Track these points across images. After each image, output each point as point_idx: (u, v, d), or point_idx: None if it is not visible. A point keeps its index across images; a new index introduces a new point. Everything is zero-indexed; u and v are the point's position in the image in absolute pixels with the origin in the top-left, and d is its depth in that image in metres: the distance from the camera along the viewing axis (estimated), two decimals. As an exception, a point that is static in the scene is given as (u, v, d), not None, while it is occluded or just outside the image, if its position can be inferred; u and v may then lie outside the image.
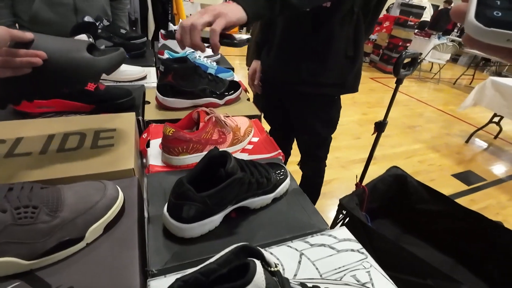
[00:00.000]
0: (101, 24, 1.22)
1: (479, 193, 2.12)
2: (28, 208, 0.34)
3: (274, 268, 0.23)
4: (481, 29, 0.19)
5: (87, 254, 0.38)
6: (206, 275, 0.22)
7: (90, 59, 0.47)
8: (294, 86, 0.92)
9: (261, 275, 0.20)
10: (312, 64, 0.86)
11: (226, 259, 0.22)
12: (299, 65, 0.87)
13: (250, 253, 0.23)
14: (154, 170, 0.57)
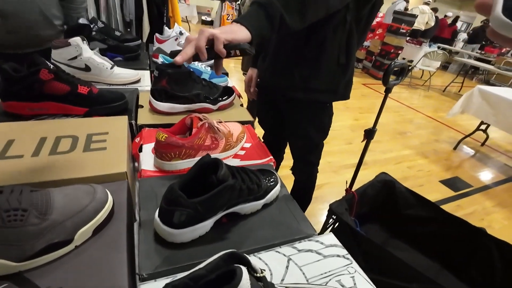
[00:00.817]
0: (96, 26, 1.22)
1: (465, 199, 2.18)
2: (17, 211, 0.34)
3: (260, 274, 0.24)
4: (509, 24, 0.18)
5: (76, 257, 0.38)
6: (195, 280, 0.23)
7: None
8: (287, 91, 0.93)
9: (247, 280, 0.21)
10: (305, 70, 0.88)
11: (215, 265, 0.23)
12: (292, 71, 0.89)
13: (238, 260, 0.24)
14: (146, 175, 0.58)
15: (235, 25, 0.55)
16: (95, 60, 0.88)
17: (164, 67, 0.76)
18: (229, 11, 6.78)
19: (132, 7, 2.26)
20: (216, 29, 0.53)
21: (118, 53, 1.17)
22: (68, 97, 0.66)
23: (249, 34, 0.55)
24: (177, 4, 2.51)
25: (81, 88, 0.67)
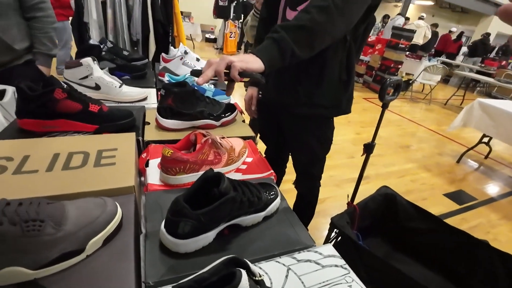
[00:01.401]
0: (105, 46, 1.29)
1: (470, 212, 2.16)
2: (35, 222, 0.37)
3: (259, 278, 0.26)
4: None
5: (87, 265, 0.40)
6: (198, 282, 0.25)
7: None
8: (292, 107, 0.96)
9: (246, 282, 0.24)
10: (309, 87, 0.91)
11: (216, 269, 0.26)
12: (296, 88, 0.92)
13: (238, 264, 0.26)
14: (152, 189, 0.61)
15: (251, 56, 0.62)
16: (104, 79, 0.93)
17: (170, 86, 0.81)
18: (231, 29, 7.00)
19: (139, 27, 2.37)
20: (234, 57, 0.59)
21: (126, 72, 1.23)
22: (79, 115, 0.70)
23: (263, 65, 0.61)
24: (182, 24, 2.62)
25: (92, 106, 0.72)
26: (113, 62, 1.21)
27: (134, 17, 2.28)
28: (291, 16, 0.86)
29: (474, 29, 10.75)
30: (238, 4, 7.00)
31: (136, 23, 2.31)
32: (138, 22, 2.31)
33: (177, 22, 2.51)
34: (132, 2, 2.23)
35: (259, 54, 0.62)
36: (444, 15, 12.37)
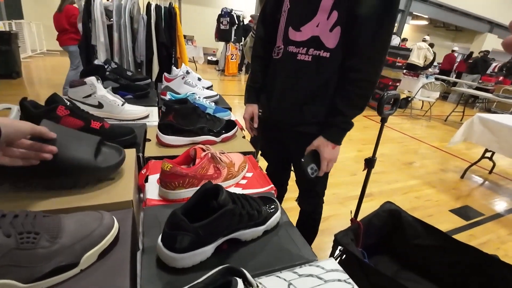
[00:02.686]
0: (109, 66, 1.33)
1: (478, 228, 2.10)
2: (30, 234, 0.37)
3: (255, 287, 0.25)
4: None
5: (81, 280, 0.39)
6: (193, 293, 0.24)
7: (95, 166, 0.54)
8: (297, 127, 0.96)
9: (242, 291, 0.23)
10: (313, 107, 0.91)
11: (212, 279, 0.25)
12: (301, 108, 0.92)
13: (234, 273, 0.25)
14: (150, 204, 0.60)
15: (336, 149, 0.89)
16: (107, 98, 0.95)
17: (171, 103, 0.82)
18: (233, 51, 7.21)
19: (143, 50, 2.46)
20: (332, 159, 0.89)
21: (129, 92, 1.26)
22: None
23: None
24: (184, 46, 2.72)
25: (93, 123, 0.73)
26: (117, 82, 1.24)
27: (138, 40, 2.38)
28: (295, 36, 0.87)
29: (469, 47, 11.01)
30: (239, 28, 7.26)
31: (141, 45, 2.40)
32: (142, 45, 2.40)
33: (180, 44, 2.61)
34: (137, 25, 2.34)
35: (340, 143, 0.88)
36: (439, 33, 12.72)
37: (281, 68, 0.95)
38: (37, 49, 7.61)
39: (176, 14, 2.51)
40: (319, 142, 0.88)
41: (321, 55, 0.84)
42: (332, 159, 0.89)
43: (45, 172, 0.50)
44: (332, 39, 0.83)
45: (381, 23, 0.77)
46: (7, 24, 6.00)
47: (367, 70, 0.81)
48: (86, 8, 2.26)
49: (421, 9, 8.92)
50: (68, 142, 0.52)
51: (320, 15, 0.81)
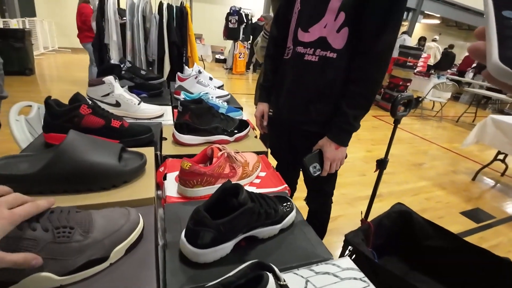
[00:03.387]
0: (125, 65, 1.36)
1: (489, 230, 2.08)
2: (66, 229, 0.39)
3: (283, 282, 0.27)
4: (508, 72, 0.19)
5: (110, 273, 0.42)
6: (226, 285, 0.26)
7: (121, 170, 0.57)
8: (304, 125, 0.98)
9: (273, 285, 0.24)
10: (320, 106, 0.93)
11: (243, 272, 0.27)
12: (308, 107, 0.94)
13: (263, 268, 0.27)
14: (170, 201, 0.62)
15: (342, 151, 0.91)
16: (125, 97, 0.98)
17: (187, 103, 0.84)
18: (241, 49, 7.23)
19: (155, 49, 2.49)
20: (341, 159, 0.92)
21: (143, 90, 1.29)
22: (102, 130, 0.73)
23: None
24: (195, 45, 2.74)
25: (114, 122, 0.75)
26: (132, 80, 1.27)
27: (150, 39, 2.41)
28: (303, 37, 0.89)
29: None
30: (247, 26, 7.27)
31: (153, 44, 2.44)
32: (154, 44, 2.44)
33: (191, 43, 2.64)
34: (149, 24, 2.37)
35: (345, 144, 0.89)
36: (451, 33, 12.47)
37: (290, 68, 0.97)
38: (49, 46, 7.77)
39: (187, 13, 2.54)
40: (323, 142, 0.90)
41: (328, 56, 0.86)
42: (335, 159, 0.90)
43: (74, 179, 0.53)
44: (339, 40, 0.84)
45: (386, 24, 0.78)
46: (21, 21, 6.13)
47: (370, 70, 0.82)
48: (99, 7, 2.30)
49: (433, 8, 8.76)
50: (95, 151, 0.55)
51: (328, 16, 0.83)
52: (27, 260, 0.34)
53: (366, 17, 0.79)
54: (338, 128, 0.87)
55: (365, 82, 0.83)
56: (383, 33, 0.79)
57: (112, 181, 0.56)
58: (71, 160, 0.51)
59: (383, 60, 0.82)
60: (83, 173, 0.52)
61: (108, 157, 0.56)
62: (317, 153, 0.91)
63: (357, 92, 0.84)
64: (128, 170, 0.58)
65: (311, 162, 0.89)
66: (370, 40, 0.80)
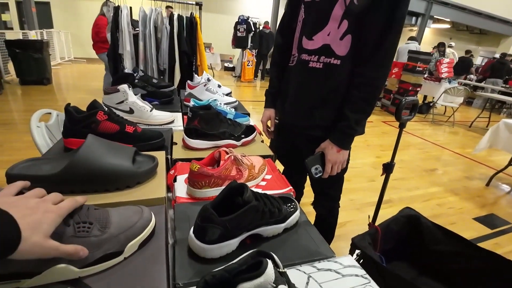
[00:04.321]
0: (137, 74, 1.42)
1: (504, 236, 2.02)
2: (85, 224, 0.42)
3: (282, 270, 0.29)
4: None
5: (125, 267, 0.45)
6: (229, 272, 0.28)
7: (133, 171, 0.61)
8: (308, 130, 1.00)
9: (272, 270, 0.27)
10: (323, 111, 0.95)
11: (245, 260, 0.29)
12: (312, 112, 0.96)
13: (264, 256, 0.29)
14: (180, 201, 0.66)
15: (343, 154, 0.94)
16: (138, 104, 1.03)
17: (196, 109, 0.88)
18: (249, 58, 7.33)
19: (166, 58, 2.58)
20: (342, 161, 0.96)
21: (155, 98, 1.34)
22: (117, 135, 0.78)
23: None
24: (204, 54, 2.82)
25: (128, 127, 0.80)
26: (144, 89, 1.33)
27: (162, 48, 2.50)
28: (307, 45, 0.92)
29: (495, 50, 10.57)
30: (255, 35, 7.39)
31: (164, 54, 2.53)
32: (165, 53, 2.53)
33: (200, 52, 2.71)
34: (160, 34, 2.46)
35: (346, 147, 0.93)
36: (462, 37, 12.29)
37: (295, 75, 1.00)
38: (65, 56, 8.09)
39: (197, 23, 2.62)
40: (325, 145, 0.93)
41: (332, 63, 0.88)
42: (336, 162, 0.92)
43: (92, 180, 0.57)
44: (342, 47, 0.86)
45: (387, 31, 0.80)
46: (39, 33, 6.42)
47: (370, 75, 0.85)
48: (114, 19, 2.41)
49: (443, 13, 8.68)
50: (111, 154, 0.59)
51: (331, 24, 0.85)
52: (77, 250, 0.38)
53: (368, 24, 0.82)
54: (340, 132, 0.90)
55: (366, 87, 0.86)
56: (385, 40, 0.81)
57: (127, 182, 0.60)
58: (89, 162, 0.55)
59: (384, 66, 0.85)
60: (100, 174, 0.56)
61: (122, 160, 0.60)
62: (319, 155, 0.93)
63: (359, 97, 0.86)
64: (141, 172, 0.62)
65: (313, 164, 0.92)
66: (372, 46, 0.82)
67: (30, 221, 0.34)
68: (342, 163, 0.94)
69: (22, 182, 0.42)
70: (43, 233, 0.35)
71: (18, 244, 0.33)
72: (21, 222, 0.34)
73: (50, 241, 0.36)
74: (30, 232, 0.34)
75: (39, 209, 0.36)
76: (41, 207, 0.37)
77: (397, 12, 0.79)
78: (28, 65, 4.76)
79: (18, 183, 0.41)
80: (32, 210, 0.36)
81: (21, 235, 0.33)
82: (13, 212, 0.34)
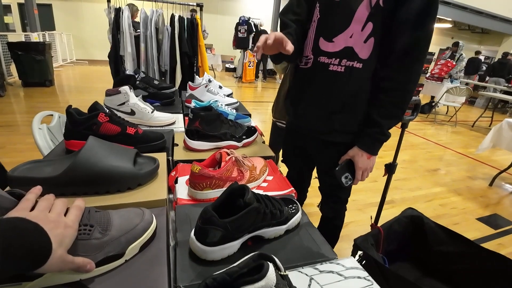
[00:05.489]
0: (139, 76, 1.43)
1: (508, 236, 2.01)
2: (86, 226, 0.42)
3: (284, 273, 0.29)
4: None
5: (126, 269, 0.45)
6: (230, 275, 0.28)
7: (135, 174, 0.61)
8: (325, 135, 0.96)
9: (273, 273, 0.26)
10: (343, 116, 0.91)
11: (246, 263, 0.29)
12: (330, 117, 0.92)
13: (265, 259, 0.29)
14: (181, 203, 0.65)
15: (371, 160, 0.93)
16: (139, 106, 1.03)
17: (197, 110, 0.88)
18: (250, 58, 7.33)
19: (167, 59, 2.58)
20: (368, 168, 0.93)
21: (156, 99, 1.34)
22: (118, 137, 0.78)
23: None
24: (205, 56, 2.82)
25: (129, 129, 0.80)
26: (146, 90, 1.33)
27: (163, 50, 2.51)
28: (327, 47, 0.87)
29: (497, 49, 10.51)
30: (256, 35, 7.39)
31: (165, 55, 2.53)
32: (166, 55, 2.53)
33: (201, 53, 2.72)
34: (161, 36, 2.47)
35: (376, 153, 0.90)
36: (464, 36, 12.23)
37: (311, 78, 0.94)
38: (67, 58, 8.12)
39: (198, 24, 2.62)
40: (354, 152, 0.89)
41: (354, 66, 0.84)
42: (367, 168, 0.90)
43: (94, 182, 0.57)
44: (365, 50, 0.82)
45: (417, 34, 0.77)
46: (41, 35, 6.46)
47: (400, 79, 0.81)
48: (115, 20, 2.41)
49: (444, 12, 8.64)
50: (112, 156, 0.59)
51: (354, 25, 0.81)
52: (84, 263, 0.40)
53: (397, 29, 0.78)
54: (371, 138, 0.87)
55: (396, 91, 0.82)
56: (417, 46, 0.78)
57: (128, 183, 0.60)
58: (90, 164, 0.55)
59: (415, 70, 0.81)
60: (101, 176, 0.56)
61: (123, 162, 0.60)
62: (347, 163, 0.90)
63: (389, 102, 0.83)
64: (142, 173, 0.62)
65: (342, 173, 0.89)
66: (401, 50, 0.79)
67: (56, 234, 0.36)
68: (371, 169, 0.93)
69: (37, 189, 0.43)
70: (65, 247, 0.37)
71: (49, 256, 0.34)
72: (50, 235, 0.34)
73: (68, 255, 0.37)
74: (57, 245, 0.35)
75: (60, 223, 0.37)
76: (61, 221, 0.38)
77: (428, 15, 0.76)
78: (30, 67, 4.79)
79: (34, 190, 0.42)
80: (55, 224, 0.37)
81: (51, 247, 0.34)
82: (42, 224, 0.34)
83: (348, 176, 0.91)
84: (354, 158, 0.90)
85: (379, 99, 0.85)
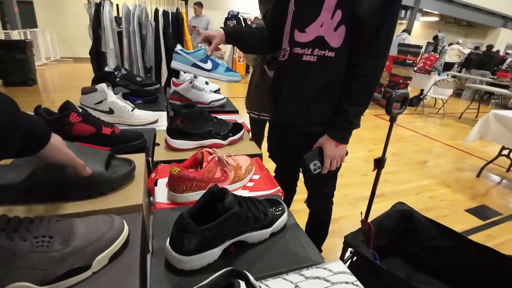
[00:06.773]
0: (119, 73, 1.36)
1: (495, 227, 2.04)
2: (45, 238, 0.38)
3: (258, 290, 0.26)
4: None
5: (93, 282, 0.41)
6: (198, 295, 0.25)
7: (108, 177, 0.57)
8: (305, 127, 0.96)
9: (245, 293, 0.23)
10: (320, 107, 0.91)
11: (216, 281, 0.26)
12: (308, 108, 0.93)
13: (237, 276, 0.26)
14: (160, 207, 0.61)
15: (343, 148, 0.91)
16: (118, 104, 0.97)
17: (178, 107, 0.84)
18: (240, 54, 7.25)
19: (152, 55, 2.51)
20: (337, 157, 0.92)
21: (138, 97, 1.28)
22: (93, 138, 0.73)
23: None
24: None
25: (105, 129, 0.75)
26: (127, 87, 1.27)
27: (147, 45, 2.43)
28: (300, 37, 0.88)
29: (483, 42, 10.71)
30: (246, 30, 7.30)
31: (149, 51, 2.45)
32: (151, 50, 2.45)
33: (188, 48, 2.65)
34: (145, 31, 2.38)
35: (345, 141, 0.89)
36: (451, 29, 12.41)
37: (287, 69, 0.96)
38: (51, 56, 7.86)
39: (183, 19, 2.55)
40: (323, 140, 0.90)
41: (326, 55, 0.85)
42: (335, 157, 0.90)
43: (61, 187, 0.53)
44: (336, 38, 0.83)
45: (383, 20, 0.78)
46: (22, 33, 6.22)
47: (369, 66, 0.82)
48: (96, 16, 2.32)
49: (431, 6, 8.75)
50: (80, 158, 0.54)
51: (324, 14, 0.82)
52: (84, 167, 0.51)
53: (363, 14, 0.78)
54: (338, 126, 0.87)
55: (365, 78, 0.83)
56: (381, 29, 0.79)
57: (99, 188, 0.56)
58: (55, 168, 0.51)
59: (381, 56, 0.83)
60: (67, 181, 0.52)
61: (94, 165, 0.56)
62: (318, 150, 0.90)
63: (358, 89, 0.84)
64: (115, 177, 0.58)
65: (311, 160, 0.89)
66: (368, 37, 0.80)
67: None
68: (341, 158, 0.92)
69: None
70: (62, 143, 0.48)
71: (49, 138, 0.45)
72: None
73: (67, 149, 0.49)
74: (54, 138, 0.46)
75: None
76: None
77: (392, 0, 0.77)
78: (11, 66, 4.61)
79: None
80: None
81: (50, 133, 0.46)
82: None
83: (317, 164, 0.90)
84: (323, 146, 0.90)
85: (350, 87, 0.85)
